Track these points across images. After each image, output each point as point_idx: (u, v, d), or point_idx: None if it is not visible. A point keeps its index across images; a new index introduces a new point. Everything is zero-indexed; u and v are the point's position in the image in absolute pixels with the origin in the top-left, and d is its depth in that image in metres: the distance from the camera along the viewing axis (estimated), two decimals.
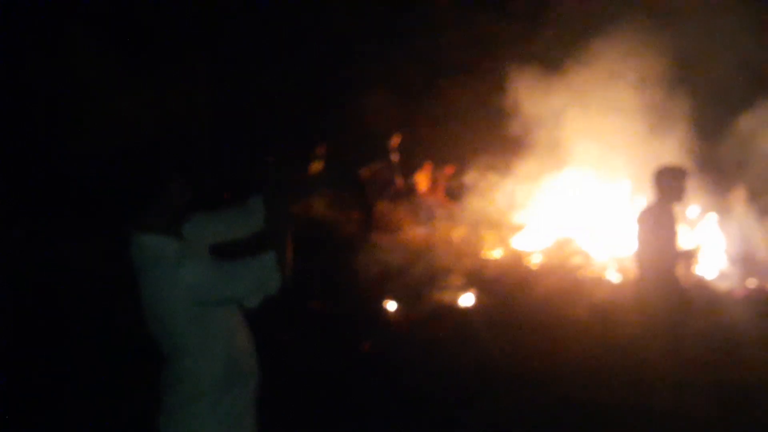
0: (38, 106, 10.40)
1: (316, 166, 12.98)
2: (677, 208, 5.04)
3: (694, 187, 8.82)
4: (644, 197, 8.59)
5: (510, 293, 8.14)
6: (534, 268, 9.43)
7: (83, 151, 8.76)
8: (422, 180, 12.42)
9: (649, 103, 9.70)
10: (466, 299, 8.07)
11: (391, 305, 7.94)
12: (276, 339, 6.49)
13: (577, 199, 10.59)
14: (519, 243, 10.33)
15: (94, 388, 5.36)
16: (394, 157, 11.75)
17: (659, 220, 4.96)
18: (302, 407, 5.20)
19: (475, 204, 10.77)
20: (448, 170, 12.31)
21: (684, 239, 8.64)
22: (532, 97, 10.80)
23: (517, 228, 10.56)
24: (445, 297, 8.09)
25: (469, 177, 11.54)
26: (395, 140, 11.69)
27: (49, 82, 10.05)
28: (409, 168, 12.76)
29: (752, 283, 8.23)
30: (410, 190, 12.34)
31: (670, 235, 4.97)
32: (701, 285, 8.18)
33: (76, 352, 6.09)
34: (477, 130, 12.02)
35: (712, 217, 9.34)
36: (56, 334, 6.53)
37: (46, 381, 5.71)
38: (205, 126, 12.72)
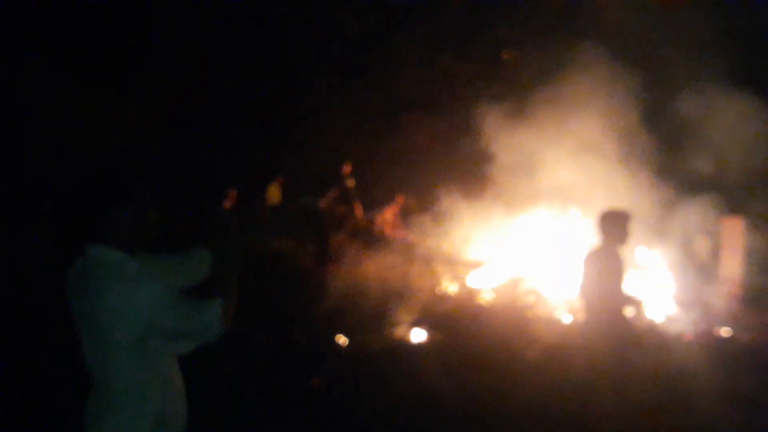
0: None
1: (273, 199, 12.96)
2: (622, 251, 5.08)
3: (645, 231, 9.05)
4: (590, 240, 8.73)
5: (461, 330, 8.11)
6: (486, 305, 9.44)
7: (47, 164, 8.66)
8: (386, 214, 12.50)
9: (608, 143, 9.91)
10: (418, 335, 8.00)
11: (342, 340, 7.85)
12: (223, 371, 6.36)
13: (531, 237, 10.71)
14: (472, 280, 10.35)
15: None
16: (350, 184, 11.72)
17: (605, 263, 5.00)
18: None
19: (429, 239, 10.80)
20: (399, 199, 12.41)
21: (632, 284, 8.79)
22: (491, 136, 10.96)
23: (471, 265, 10.58)
24: (397, 332, 8.00)
25: (426, 212, 11.61)
26: (346, 169, 11.69)
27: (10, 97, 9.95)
28: (368, 201, 12.82)
29: (701, 327, 8.33)
30: (370, 222, 12.35)
31: (616, 277, 5.01)
32: (651, 328, 8.26)
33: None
34: (436, 166, 12.13)
35: (662, 261, 9.52)
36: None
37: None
38: (163, 149, 12.65)
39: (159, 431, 2.46)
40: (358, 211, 12.10)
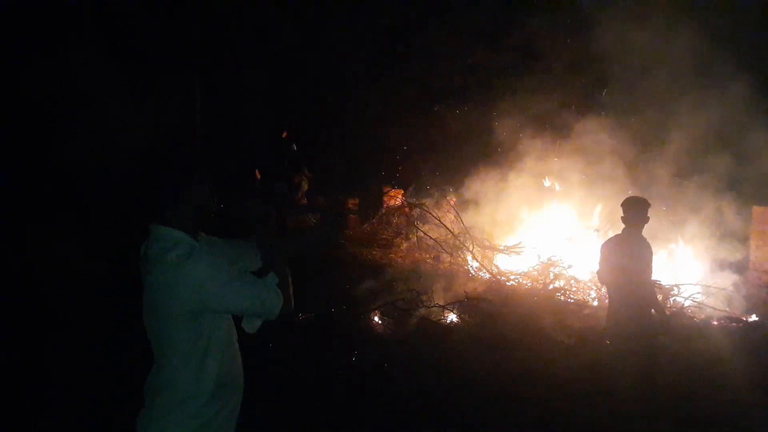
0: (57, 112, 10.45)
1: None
2: (643, 237, 5.27)
3: (676, 219, 9.13)
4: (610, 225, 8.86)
5: (494, 312, 8.23)
6: (518, 288, 9.54)
7: (102, 155, 8.90)
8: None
9: (639, 132, 9.94)
10: (451, 317, 8.18)
11: (377, 320, 8.05)
12: (263, 350, 6.56)
13: (562, 221, 10.82)
14: (504, 263, 10.46)
15: (87, 388, 5.35)
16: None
17: (630, 248, 5.19)
18: (286, 418, 5.30)
19: (463, 223, 10.88)
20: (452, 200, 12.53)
21: (660, 270, 8.87)
22: (522, 124, 11.05)
23: (504, 248, 10.71)
24: (431, 314, 8.14)
25: (459, 198, 11.70)
26: (285, 135, 11.76)
27: (64, 87, 10.15)
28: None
29: (729, 313, 8.44)
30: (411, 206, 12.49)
31: (641, 261, 5.19)
32: (678, 314, 8.36)
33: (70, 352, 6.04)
34: (469, 155, 12.20)
35: (688, 249, 9.59)
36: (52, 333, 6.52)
37: (37, 381, 5.70)
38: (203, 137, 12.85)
39: (220, 393, 2.59)
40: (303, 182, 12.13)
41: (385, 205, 12.85)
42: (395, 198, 12.97)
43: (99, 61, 10.27)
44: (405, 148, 12.82)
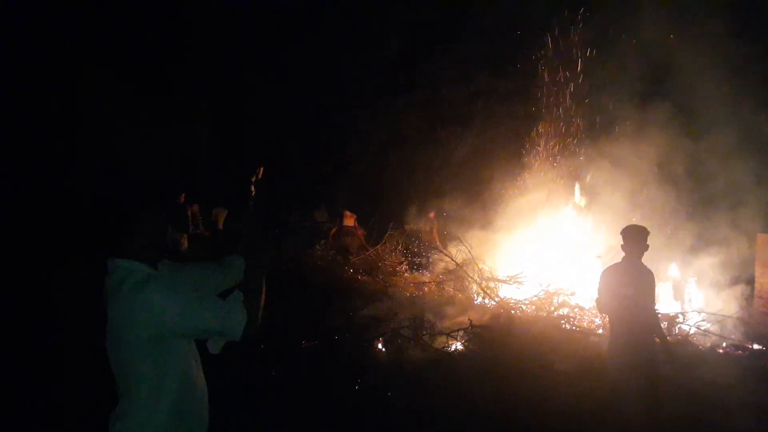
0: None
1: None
2: (643, 264, 5.27)
3: (679, 247, 9.12)
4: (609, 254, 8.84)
5: (497, 340, 8.12)
6: (522, 316, 9.41)
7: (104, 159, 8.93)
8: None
9: (642, 160, 9.99)
10: (455, 345, 8.11)
11: (380, 347, 7.99)
12: (265, 376, 6.60)
13: (566, 249, 10.78)
14: (508, 292, 10.37)
15: (87, 388, 5.28)
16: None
17: (630, 276, 5.19)
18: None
19: (465, 252, 10.87)
20: (431, 214, 12.58)
21: (664, 297, 8.85)
22: (526, 149, 11.10)
23: (507, 277, 10.65)
24: (435, 342, 8.07)
25: (462, 224, 11.71)
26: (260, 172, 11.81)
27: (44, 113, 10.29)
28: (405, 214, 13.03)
29: (734, 341, 8.36)
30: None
31: (643, 289, 5.18)
32: (683, 341, 8.30)
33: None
34: (473, 180, 12.26)
35: (693, 279, 9.56)
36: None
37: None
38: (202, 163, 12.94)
39: (177, 426, 2.57)
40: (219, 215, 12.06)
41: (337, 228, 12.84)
42: (350, 219, 12.95)
43: (109, 84, 10.43)
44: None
